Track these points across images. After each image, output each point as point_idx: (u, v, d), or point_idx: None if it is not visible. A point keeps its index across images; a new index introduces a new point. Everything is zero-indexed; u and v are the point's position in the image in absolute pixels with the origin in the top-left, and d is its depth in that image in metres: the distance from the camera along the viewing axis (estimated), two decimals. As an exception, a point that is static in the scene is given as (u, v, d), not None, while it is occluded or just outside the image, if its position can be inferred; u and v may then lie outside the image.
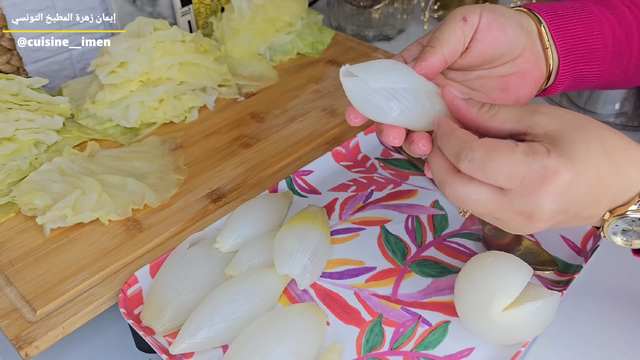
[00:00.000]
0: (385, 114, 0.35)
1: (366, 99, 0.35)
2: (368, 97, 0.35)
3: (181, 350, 0.41)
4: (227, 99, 0.70)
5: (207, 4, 0.81)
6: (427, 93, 0.36)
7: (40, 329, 0.43)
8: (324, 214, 0.50)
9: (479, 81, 0.44)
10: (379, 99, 0.34)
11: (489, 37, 0.41)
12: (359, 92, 0.34)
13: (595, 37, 0.45)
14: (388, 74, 0.35)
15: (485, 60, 0.42)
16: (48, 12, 0.69)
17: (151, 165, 0.58)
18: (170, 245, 0.50)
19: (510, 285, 0.39)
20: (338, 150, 0.59)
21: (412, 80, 0.35)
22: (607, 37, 0.46)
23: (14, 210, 0.53)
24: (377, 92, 0.34)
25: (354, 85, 0.34)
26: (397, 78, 0.35)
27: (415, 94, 0.35)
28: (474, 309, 0.40)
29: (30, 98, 0.59)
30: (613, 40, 0.46)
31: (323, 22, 0.83)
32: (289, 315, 0.41)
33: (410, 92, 0.35)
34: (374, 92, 0.34)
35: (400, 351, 0.42)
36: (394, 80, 0.35)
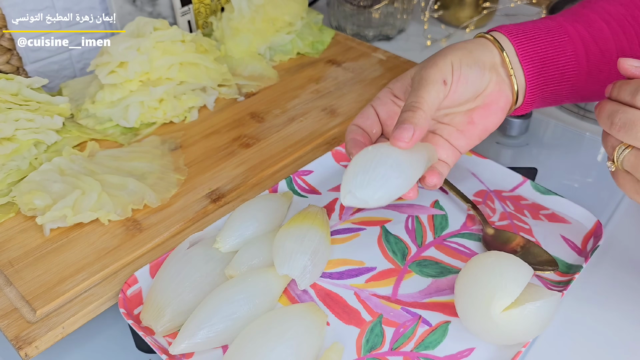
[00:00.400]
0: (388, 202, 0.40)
1: (371, 205, 0.39)
2: (372, 205, 0.39)
3: (181, 351, 0.41)
4: (227, 99, 0.70)
5: (207, 3, 0.80)
6: (414, 169, 0.40)
7: (40, 329, 0.43)
8: (324, 214, 0.50)
9: (446, 117, 0.47)
10: (381, 202, 0.39)
11: (457, 91, 0.44)
12: (364, 204, 0.39)
13: (568, 57, 0.47)
14: (380, 183, 0.38)
15: (452, 105, 0.45)
16: (48, 12, 0.69)
17: (151, 165, 0.58)
18: (170, 246, 0.50)
19: (511, 285, 0.39)
20: (338, 150, 0.59)
21: (400, 171, 0.39)
22: (580, 56, 0.47)
23: (13, 210, 0.53)
24: (378, 200, 0.39)
25: (359, 202, 0.39)
26: (390, 181, 0.39)
27: (407, 179, 0.40)
28: (474, 309, 0.40)
29: (30, 98, 0.59)
30: (587, 59, 0.47)
31: (323, 22, 0.83)
32: (289, 316, 0.41)
33: (404, 180, 0.39)
34: (375, 202, 0.39)
35: (400, 351, 0.42)
36: (388, 186, 0.38)
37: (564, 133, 0.70)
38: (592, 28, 0.48)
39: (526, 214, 0.53)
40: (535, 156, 0.66)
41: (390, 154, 0.39)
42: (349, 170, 0.39)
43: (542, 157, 0.66)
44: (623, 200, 0.60)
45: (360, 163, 0.39)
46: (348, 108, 0.67)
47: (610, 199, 0.59)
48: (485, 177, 0.57)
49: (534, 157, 0.66)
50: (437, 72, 0.42)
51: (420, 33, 0.94)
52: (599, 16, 0.49)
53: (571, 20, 0.48)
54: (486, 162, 0.58)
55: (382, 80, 0.72)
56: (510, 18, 0.99)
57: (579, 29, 0.47)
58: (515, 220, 0.52)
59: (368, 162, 0.39)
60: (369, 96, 0.69)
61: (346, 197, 0.39)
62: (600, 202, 0.59)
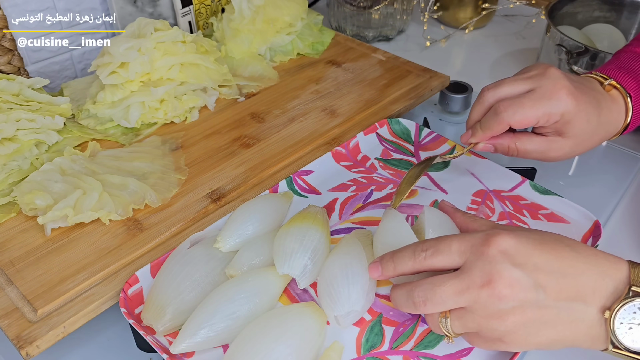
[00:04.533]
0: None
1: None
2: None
3: (182, 350, 0.41)
4: (228, 100, 0.70)
5: (207, 4, 0.81)
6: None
7: (41, 328, 0.43)
8: (324, 214, 0.50)
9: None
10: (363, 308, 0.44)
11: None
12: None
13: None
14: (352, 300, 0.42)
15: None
16: (48, 13, 0.69)
17: (152, 165, 0.58)
18: (170, 245, 0.50)
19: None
20: (338, 150, 0.59)
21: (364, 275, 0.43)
22: None
23: (15, 210, 0.53)
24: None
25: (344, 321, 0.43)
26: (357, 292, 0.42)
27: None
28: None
29: (31, 98, 0.59)
30: None
31: (323, 23, 0.84)
32: (289, 315, 0.42)
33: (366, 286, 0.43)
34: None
35: (400, 350, 0.42)
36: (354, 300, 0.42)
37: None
38: None
39: (525, 214, 0.53)
40: (534, 156, 0.66)
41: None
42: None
43: (542, 157, 0.66)
44: (622, 200, 0.60)
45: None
46: (348, 108, 0.67)
47: (608, 199, 0.60)
48: (484, 177, 0.57)
49: (533, 158, 0.66)
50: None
51: (420, 34, 0.94)
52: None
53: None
54: (485, 162, 0.58)
55: (382, 80, 0.72)
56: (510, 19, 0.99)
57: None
58: (514, 220, 0.52)
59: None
60: (368, 96, 0.69)
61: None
62: (599, 202, 0.59)
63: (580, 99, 0.49)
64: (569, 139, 0.50)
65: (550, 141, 0.50)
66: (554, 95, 0.48)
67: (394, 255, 0.40)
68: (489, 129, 0.50)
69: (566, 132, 0.49)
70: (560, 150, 0.51)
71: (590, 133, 0.50)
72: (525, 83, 0.50)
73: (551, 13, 0.79)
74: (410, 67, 0.75)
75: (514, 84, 0.50)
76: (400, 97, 0.69)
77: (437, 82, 0.71)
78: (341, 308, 0.42)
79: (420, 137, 0.63)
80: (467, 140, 0.53)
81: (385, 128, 0.63)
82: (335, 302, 0.42)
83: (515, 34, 0.94)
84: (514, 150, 0.52)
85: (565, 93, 0.48)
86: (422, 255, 0.38)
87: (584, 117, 0.49)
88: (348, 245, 0.46)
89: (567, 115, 0.48)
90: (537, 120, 0.48)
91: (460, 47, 0.91)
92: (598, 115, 0.50)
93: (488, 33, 0.95)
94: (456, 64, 0.87)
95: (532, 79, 0.50)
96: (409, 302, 0.38)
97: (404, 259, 0.39)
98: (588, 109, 0.49)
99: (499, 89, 0.50)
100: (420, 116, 0.73)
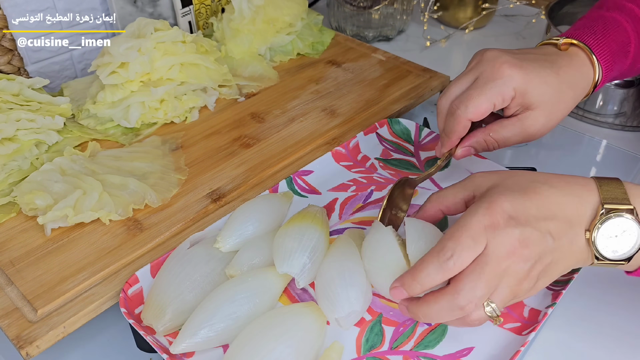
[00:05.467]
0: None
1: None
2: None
3: (182, 350, 0.41)
4: (228, 100, 0.70)
5: (207, 4, 0.81)
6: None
7: (41, 328, 0.43)
8: (323, 214, 0.50)
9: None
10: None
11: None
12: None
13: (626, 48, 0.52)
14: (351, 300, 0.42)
15: None
16: (48, 13, 0.69)
17: (152, 165, 0.58)
18: (170, 245, 0.50)
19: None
20: (338, 151, 0.59)
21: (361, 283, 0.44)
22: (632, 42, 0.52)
23: (15, 210, 0.53)
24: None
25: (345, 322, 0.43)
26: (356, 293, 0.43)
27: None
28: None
29: (31, 98, 0.59)
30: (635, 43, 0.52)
31: (323, 23, 0.84)
32: (289, 315, 0.42)
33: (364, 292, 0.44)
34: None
35: (400, 350, 0.42)
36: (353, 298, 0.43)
37: (563, 133, 0.70)
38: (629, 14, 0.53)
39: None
40: (534, 156, 0.66)
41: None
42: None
43: (541, 157, 0.66)
44: (622, 200, 0.60)
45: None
46: (348, 108, 0.67)
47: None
48: (484, 178, 0.57)
49: (532, 157, 0.66)
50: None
51: (420, 34, 0.94)
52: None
53: (616, 8, 0.53)
54: (486, 162, 0.58)
55: (382, 80, 0.72)
56: (510, 19, 0.99)
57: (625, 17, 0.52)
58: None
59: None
60: (368, 97, 0.69)
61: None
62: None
63: (527, 66, 0.48)
64: (537, 109, 0.48)
65: (522, 119, 0.49)
66: (497, 75, 0.48)
67: (415, 275, 0.38)
68: (452, 131, 0.50)
69: (530, 102, 0.48)
70: (537, 123, 0.49)
71: (555, 94, 0.49)
72: (469, 75, 0.50)
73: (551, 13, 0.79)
74: (410, 67, 0.75)
75: (460, 81, 0.50)
76: (400, 97, 0.69)
77: (437, 82, 0.71)
78: (341, 310, 0.42)
79: (420, 137, 0.63)
80: (440, 152, 0.52)
81: (385, 128, 0.63)
82: (335, 304, 0.42)
83: (515, 34, 0.94)
84: (492, 142, 0.50)
85: (508, 67, 0.48)
86: (449, 263, 0.36)
87: (539, 81, 0.48)
88: (343, 246, 0.46)
89: (520, 87, 0.47)
90: (491, 104, 0.48)
91: (460, 47, 0.91)
92: (556, 75, 0.49)
93: (488, 33, 0.95)
94: (456, 64, 0.87)
95: (474, 69, 0.50)
96: (455, 311, 0.37)
97: (431, 274, 0.37)
98: (541, 72, 0.48)
99: (448, 92, 0.50)
100: (420, 116, 0.73)
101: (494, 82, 0.48)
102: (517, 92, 0.48)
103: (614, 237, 0.38)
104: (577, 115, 0.72)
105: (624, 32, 0.52)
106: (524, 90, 0.48)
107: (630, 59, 0.53)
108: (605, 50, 0.51)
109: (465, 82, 0.50)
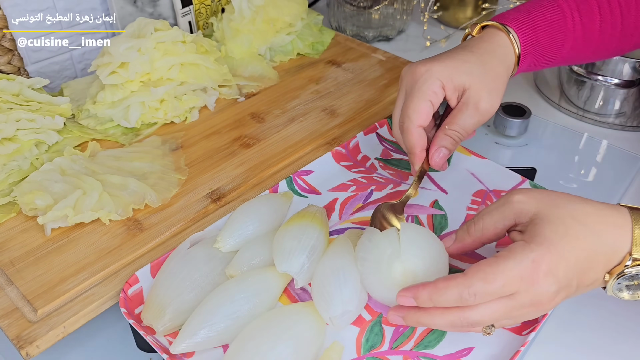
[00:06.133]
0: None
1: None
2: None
3: (182, 350, 0.41)
4: (228, 100, 0.70)
5: (207, 4, 0.81)
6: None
7: (41, 328, 0.43)
8: (323, 214, 0.50)
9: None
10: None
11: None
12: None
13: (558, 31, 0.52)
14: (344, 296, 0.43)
15: None
16: (48, 13, 0.69)
17: (152, 166, 0.58)
18: (170, 245, 0.50)
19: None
20: (338, 151, 0.59)
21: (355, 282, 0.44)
22: (568, 25, 0.52)
23: (15, 210, 0.53)
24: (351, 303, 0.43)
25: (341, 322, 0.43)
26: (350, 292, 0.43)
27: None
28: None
29: (31, 98, 0.59)
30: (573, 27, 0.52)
31: (323, 23, 0.84)
32: (289, 315, 0.42)
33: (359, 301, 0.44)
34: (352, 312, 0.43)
35: (399, 350, 0.42)
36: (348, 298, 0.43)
37: (563, 133, 0.70)
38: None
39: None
40: (534, 156, 0.66)
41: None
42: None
43: (541, 157, 0.66)
44: (622, 200, 0.60)
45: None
46: (348, 108, 0.67)
47: (608, 199, 0.60)
48: (484, 177, 0.57)
49: (532, 157, 0.66)
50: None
51: (420, 34, 0.94)
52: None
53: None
54: (485, 162, 0.58)
55: (382, 80, 0.72)
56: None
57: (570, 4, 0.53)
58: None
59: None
60: (368, 96, 0.69)
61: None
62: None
63: (440, 57, 0.50)
64: (472, 85, 0.49)
65: (466, 100, 0.49)
66: (417, 76, 0.49)
67: (432, 294, 0.38)
68: (411, 145, 0.50)
69: (462, 83, 0.49)
70: (481, 97, 0.49)
71: (480, 66, 0.49)
72: (400, 96, 0.52)
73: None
74: (410, 67, 0.75)
75: (396, 105, 0.52)
76: (400, 97, 0.69)
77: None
78: (335, 309, 0.42)
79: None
80: (414, 170, 0.52)
81: (385, 128, 0.63)
82: (329, 303, 0.42)
83: (515, 34, 0.94)
84: (454, 134, 0.50)
85: (422, 65, 0.49)
86: (471, 299, 0.36)
87: (458, 62, 0.49)
88: (339, 246, 0.46)
89: (442, 74, 0.48)
90: (428, 102, 0.49)
91: (460, 47, 0.91)
92: (471, 52, 0.50)
93: (488, 33, 0.95)
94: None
95: (401, 89, 0.52)
96: (458, 328, 0.38)
97: (448, 301, 0.37)
98: (455, 56, 0.50)
99: (393, 119, 0.52)
100: (420, 116, 0.73)
101: (417, 83, 0.49)
102: (442, 80, 0.49)
103: (633, 284, 0.38)
104: (577, 115, 0.72)
105: (556, 8, 0.52)
106: (448, 75, 0.49)
107: (569, 37, 0.52)
108: (520, 19, 0.52)
109: (400, 102, 0.51)
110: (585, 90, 0.70)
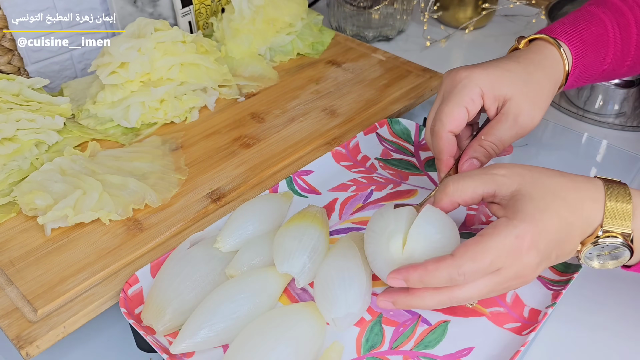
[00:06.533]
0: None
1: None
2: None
3: (182, 350, 0.41)
4: (228, 100, 0.70)
5: (207, 4, 0.81)
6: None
7: (41, 328, 0.43)
8: (323, 214, 0.50)
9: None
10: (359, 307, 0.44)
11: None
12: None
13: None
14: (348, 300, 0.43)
15: None
16: (48, 13, 0.69)
17: (152, 165, 0.58)
18: (170, 245, 0.50)
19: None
20: (338, 151, 0.59)
21: (360, 277, 0.44)
22: (610, 41, 0.52)
23: (15, 210, 0.53)
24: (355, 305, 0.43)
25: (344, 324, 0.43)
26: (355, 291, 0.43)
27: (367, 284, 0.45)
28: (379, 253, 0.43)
29: (31, 98, 0.59)
30: (614, 42, 0.52)
31: (323, 23, 0.84)
32: (289, 315, 0.42)
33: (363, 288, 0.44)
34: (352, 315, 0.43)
35: (400, 350, 0.42)
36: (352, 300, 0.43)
37: (563, 133, 0.70)
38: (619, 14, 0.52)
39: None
40: (534, 156, 0.66)
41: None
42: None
43: (541, 157, 0.66)
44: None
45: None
46: (348, 108, 0.68)
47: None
48: (484, 178, 0.57)
49: (533, 157, 0.66)
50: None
51: (420, 34, 0.94)
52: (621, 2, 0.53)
53: (602, 6, 0.53)
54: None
55: (382, 80, 0.72)
56: (510, 19, 0.99)
57: (609, 17, 0.52)
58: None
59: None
60: (368, 96, 0.69)
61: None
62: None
63: (484, 65, 0.48)
64: (514, 96, 0.47)
65: (506, 112, 0.48)
66: (457, 81, 0.48)
67: (422, 276, 0.38)
68: (439, 150, 0.48)
69: (503, 93, 0.47)
70: (522, 110, 0.47)
71: (525, 77, 0.48)
72: (438, 98, 0.50)
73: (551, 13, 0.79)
74: (410, 67, 0.75)
75: (433, 106, 0.51)
76: (400, 97, 0.69)
77: (437, 82, 0.71)
78: (338, 311, 0.42)
79: (420, 137, 0.63)
80: (439, 177, 0.50)
81: (385, 128, 0.63)
82: (333, 304, 0.42)
83: (515, 34, 0.94)
84: (490, 146, 0.48)
85: (464, 71, 0.48)
86: (460, 279, 0.37)
87: (502, 72, 0.48)
88: (344, 247, 0.46)
89: (484, 83, 0.47)
90: (463, 109, 0.47)
91: (460, 47, 0.91)
92: (517, 62, 0.49)
93: (488, 33, 0.95)
94: (456, 64, 0.87)
95: (440, 91, 0.50)
96: (447, 304, 0.39)
97: (439, 282, 0.38)
98: (500, 65, 0.48)
99: (428, 120, 0.51)
100: (420, 116, 0.73)
101: (456, 88, 0.48)
102: (483, 88, 0.47)
103: (603, 254, 0.40)
104: (577, 115, 0.72)
105: (599, 21, 0.51)
106: (490, 84, 0.47)
107: (610, 51, 0.52)
108: (569, 32, 0.51)
109: (436, 105, 0.50)
110: (585, 90, 0.70)
